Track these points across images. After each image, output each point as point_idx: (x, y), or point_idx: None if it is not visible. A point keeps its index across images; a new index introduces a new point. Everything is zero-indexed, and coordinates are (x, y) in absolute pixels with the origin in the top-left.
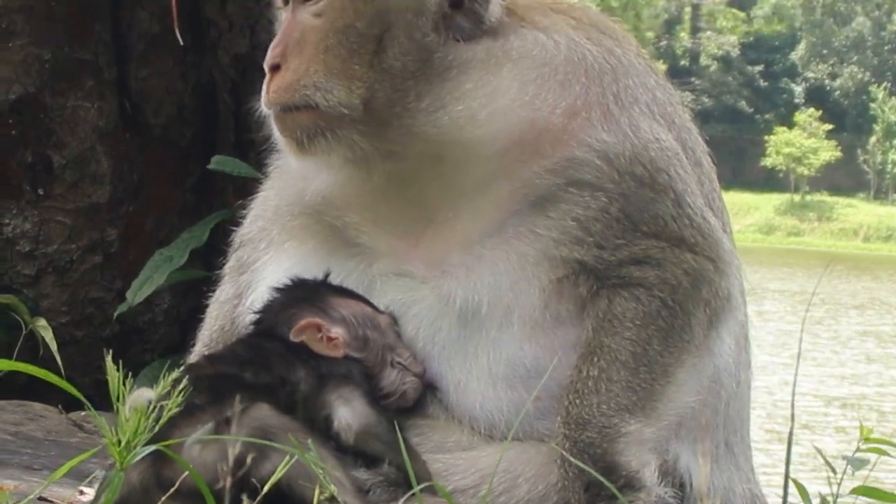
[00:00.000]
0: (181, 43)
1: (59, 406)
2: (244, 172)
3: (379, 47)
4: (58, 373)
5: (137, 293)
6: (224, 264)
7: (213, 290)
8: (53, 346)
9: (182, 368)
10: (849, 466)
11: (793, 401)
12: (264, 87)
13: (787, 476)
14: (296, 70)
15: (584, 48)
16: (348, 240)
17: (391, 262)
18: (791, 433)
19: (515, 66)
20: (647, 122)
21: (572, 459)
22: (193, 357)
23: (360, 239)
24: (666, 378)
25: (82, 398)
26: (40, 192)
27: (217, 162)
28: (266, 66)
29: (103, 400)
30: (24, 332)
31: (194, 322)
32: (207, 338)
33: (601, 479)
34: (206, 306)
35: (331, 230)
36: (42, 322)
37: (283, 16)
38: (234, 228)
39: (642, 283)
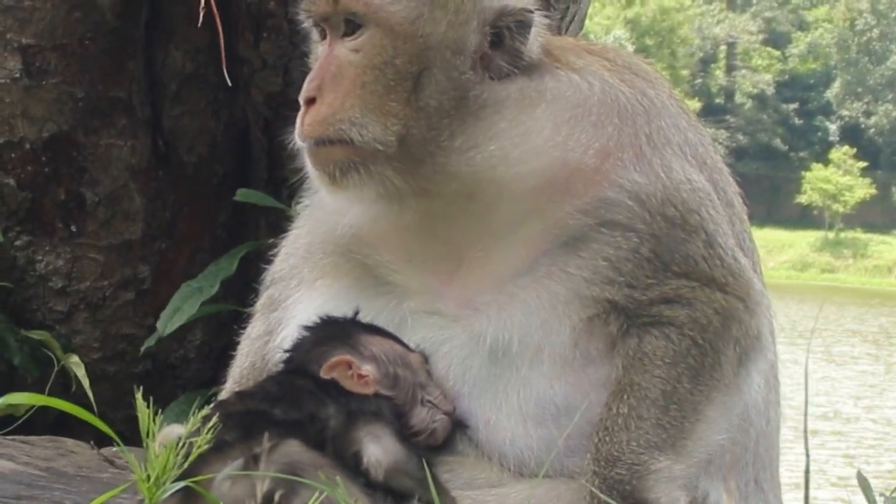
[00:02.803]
0: (229, 82)
1: (91, 442)
2: (270, 204)
3: (417, 85)
4: (90, 409)
5: (167, 324)
6: (256, 301)
7: (245, 327)
8: (86, 383)
9: (212, 405)
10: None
11: (805, 431)
12: (299, 119)
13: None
14: (331, 104)
15: (618, 90)
16: (379, 278)
17: (422, 300)
18: (807, 469)
19: (549, 106)
20: (679, 162)
21: (602, 496)
22: (224, 393)
23: (391, 277)
24: (696, 416)
25: (112, 434)
26: (73, 229)
27: (242, 195)
28: (301, 99)
29: (135, 436)
30: (56, 369)
31: (226, 358)
32: (238, 374)
33: None
34: (238, 343)
35: (362, 268)
36: (74, 358)
37: (320, 49)
38: (266, 265)
39: (673, 321)
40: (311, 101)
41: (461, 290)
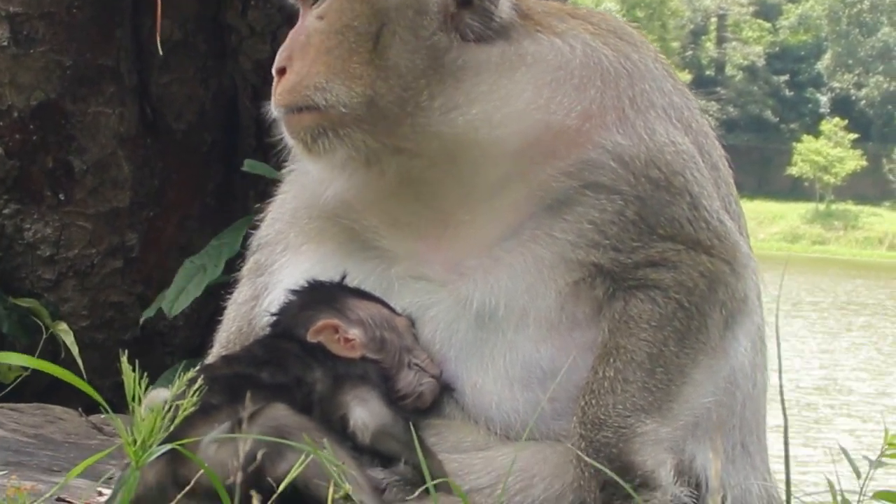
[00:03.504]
0: (160, 52)
1: (79, 409)
2: (274, 176)
3: (378, 45)
4: (78, 377)
5: (174, 305)
6: (242, 267)
7: (232, 293)
8: (75, 350)
9: (198, 369)
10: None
11: (782, 398)
12: (273, 90)
13: (787, 478)
14: (298, 72)
15: (601, 52)
16: (366, 242)
17: (409, 265)
18: (786, 428)
19: (530, 69)
20: (662, 125)
21: (588, 459)
22: (211, 358)
23: (377, 242)
24: (682, 378)
25: (100, 399)
26: (61, 197)
27: (249, 165)
28: (274, 70)
29: (123, 403)
30: (44, 336)
31: (215, 326)
32: (225, 339)
33: (617, 479)
34: (225, 309)
35: (348, 233)
36: (63, 326)
37: None
38: (253, 232)
39: (658, 285)
40: (282, 72)
41: (447, 255)
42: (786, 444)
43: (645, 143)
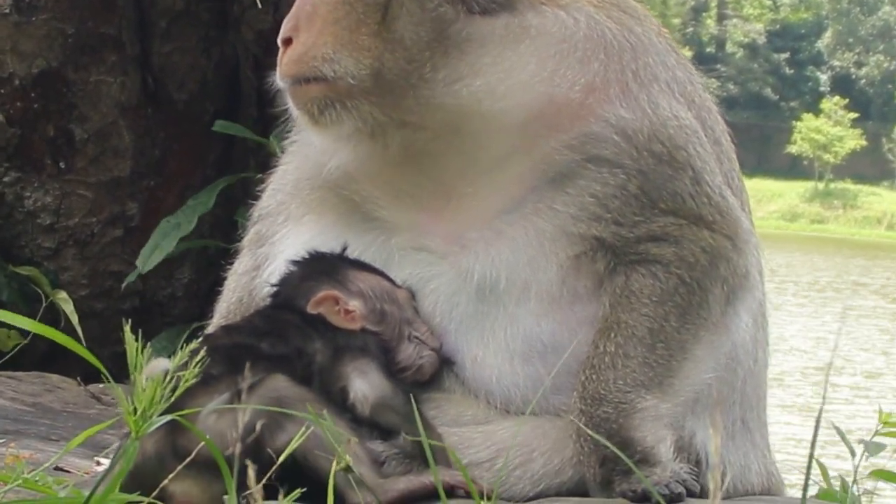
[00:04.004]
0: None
1: (78, 378)
2: (249, 136)
3: (386, 16)
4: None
5: (147, 261)
6: (243, 237)
7: (232, 263)
8: (74, 319)
9: (199, 339)
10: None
11: (826, 382)
12: (278, 60)
13: (811, 457)
14: (305, 42)
15: (604, 26)
16: (367, 214)
17: (410, 237)
18: (819, 416)
19: (533, 42)
20: (666, 99)
21: (589, 433)
22: (211, 328)
23: (378, 213)
24: (683, 354)
25: (100, 367)
26: (62, 165)
27: (221, 126)
28: (279, 40)
29: (122, 373)
30: (44, 305)
31: (214, 295)
32: (225, 309)
33: (617, 452)
34: (225, 279)
35: (349, 204)
36: (62, 294)
37: None
38: (252, 202)
39: (660, 259)
40: (287, 42)
41: (449, 227)
42: (815, 431)
43: (648, 116)
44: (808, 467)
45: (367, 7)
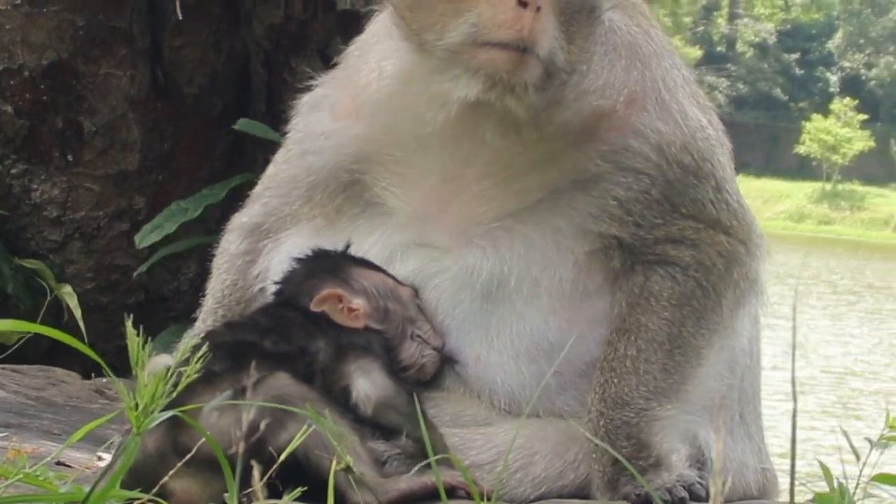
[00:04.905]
0: (180, 16)
1: (81, 372)
2: (272, 137)
3: (590, 18)
4: (81, 339)
5: (146, 238)
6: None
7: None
8: (78, 313)
9: (202, 335)
10: (874, 452)
11: (793, 378)
12: (506, 16)
13: (793, 460)
14: (541, 19)
15: (634, 31)
16: (373, 205)
17: (414, 231)
18: (794, 412)
19: (605, 50)
20: (690, 107)
21: (597, 442)
22: (205, 313)
23: (387, 200)
24: (698, 360)
25: (102, 363)
26: (70, 158)
27: (243, 125)
28: (514, 0)
29: (125, 368)
30: (48, 298)
31: None
32: (220, 292)
33: (618, 456)
34: (214, 259)
35: (356, 197)
36: (67, 288)
37: None
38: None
39: (678, 262)
40: (523, 5)
41: (456, 220)
42: (793, 429)
43: (680, 128)
44: (792, 471)
45: (583, 3)
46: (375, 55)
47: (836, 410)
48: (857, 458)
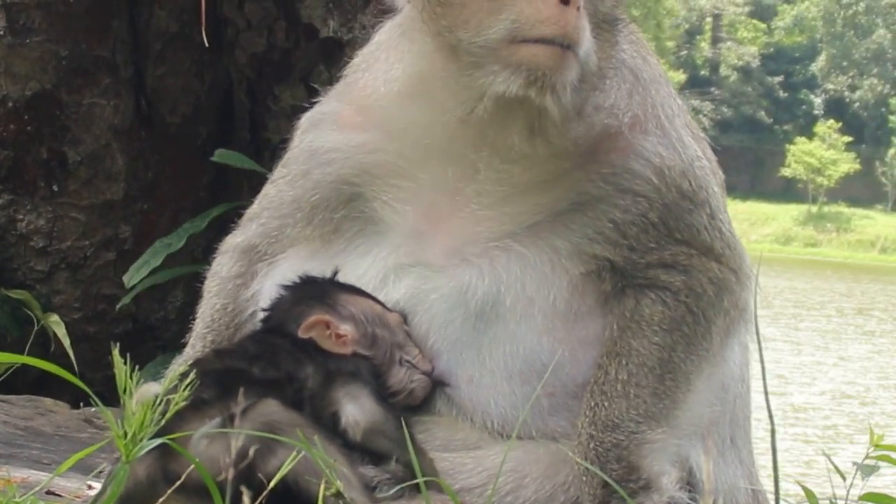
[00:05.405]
0: (206, 44)
1: (70, 402)
2: (249, 166)
3: (612, 32)
4: (70, 369)
5: (134, 275)
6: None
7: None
8: (66, 342)
9: (189, 363)
10: (858, 473)
11: (767, 400)
12: (549, 12)
13: (776, 477)
14: (579, 17)
15: (634, 55)
16: (372, 220)
17: (410, 249)
18: (773, 432)
19: (615, 73)
20: (686, 136)
21: (587, 465)
22: (194, 338)
23: (386, 216)
24: (687, 386)
25: (89, 392)
26: (55, 188)
27: (221, 155)
28: None
29: (114, 397)
30: (35, 328)
31: None
32: (209, 317)
33: (608, 479)
34: (205, 283)
35: (355, 216)
36: (54, 318)
37: None
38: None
39: (669, 287)
40: (565, 2)
41: (449, 239)
42: (773, 450)
43: (679, 155)
44: (776, 491)
45: (607, 15)
46: (385, 60)
47: (828, 434)
48: (843, 478)
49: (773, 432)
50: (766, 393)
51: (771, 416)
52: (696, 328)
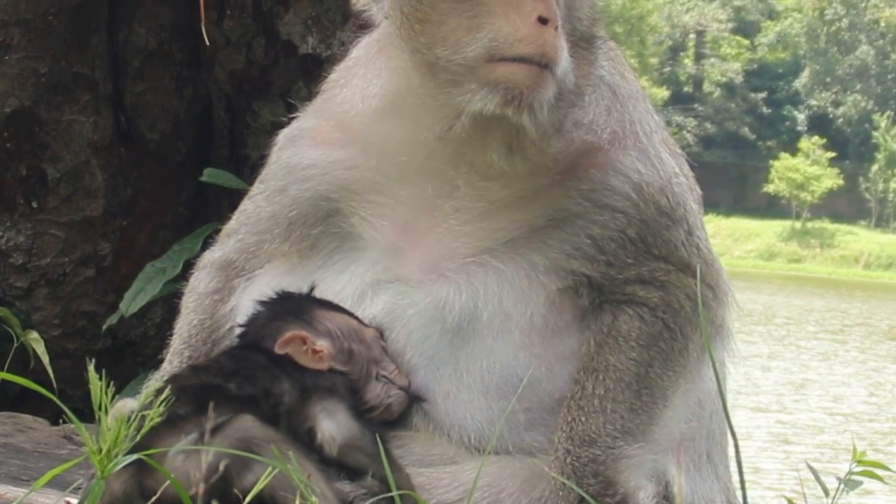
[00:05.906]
0: (207, 43)
1: (50, 418)
2: (236, 185)
3: (590, 50)
4: (49, 386)
5: (131, 304)
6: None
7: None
8: (45, 359)
9: (166, 378)
10: (843, 487)
11: (727, 414)
12: (526, 31)
13: (743, 487)
14: (557, 36)
15: (612, 72)
16: (350, 237)
17: (387, 265)
18: (737, 448)
19: (594, 90)
20: (664, 151)
21: (564, 481)
22: (172, 354)
23: (363, 232)
24: (664, 402)
25: (65, 409)
26: (34, 205)
27: (209, 174)
28: (535, 15)
29: (93, 413)
30: (15, 345)
31: None
32: (186, 332)
33: (583, 493)
34: (182, 298)
35: (332, 233)
36: (34, 335)
37: None
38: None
39: (646, 303)
40: (545, 22)
41: (427, 254)
42: (738, 463)
43: (657, 171)
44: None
45: (585, 33)
46: (363, 77)
47: (815, 453)
48: (826, 493)
49: (736, 447)
50: (724, 404)
51: (733, 433)
52: (673, 344)
